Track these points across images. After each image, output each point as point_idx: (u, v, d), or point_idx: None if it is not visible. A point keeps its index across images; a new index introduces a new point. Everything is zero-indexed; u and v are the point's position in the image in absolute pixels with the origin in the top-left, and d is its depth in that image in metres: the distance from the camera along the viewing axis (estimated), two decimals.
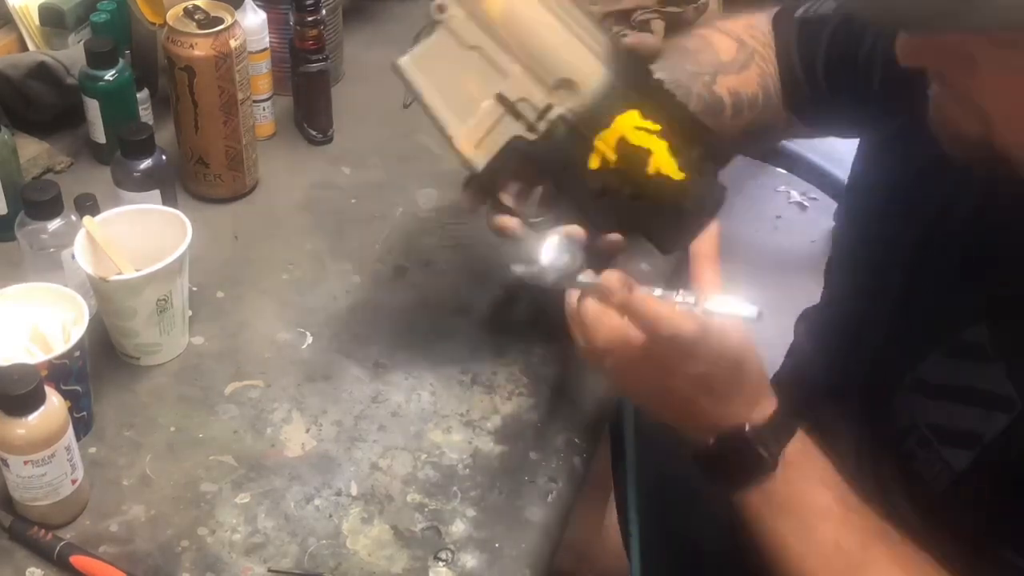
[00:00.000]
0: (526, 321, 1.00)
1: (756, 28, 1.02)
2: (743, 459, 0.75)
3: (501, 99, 0.81)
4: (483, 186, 0.85)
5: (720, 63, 0.97)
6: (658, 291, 0.76)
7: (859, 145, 0.95)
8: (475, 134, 0.81)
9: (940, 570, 0.71)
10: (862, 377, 0.87)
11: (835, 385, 0.91)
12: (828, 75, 0.95)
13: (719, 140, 0.83)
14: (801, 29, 0.98)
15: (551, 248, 0.81)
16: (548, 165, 0.83)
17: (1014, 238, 0.73)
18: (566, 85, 0.81)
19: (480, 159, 0.81)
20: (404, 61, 0.80)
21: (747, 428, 0.75)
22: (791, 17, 1.01)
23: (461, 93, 0.80)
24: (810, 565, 0.73)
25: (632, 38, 0.87)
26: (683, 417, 0.77)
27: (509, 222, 0.85)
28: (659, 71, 0.87)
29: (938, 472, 0.77)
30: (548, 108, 0.81)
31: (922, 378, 0.79)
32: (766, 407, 0.76)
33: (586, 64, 0.81)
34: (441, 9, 0.80)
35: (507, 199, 0.86)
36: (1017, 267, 0.72)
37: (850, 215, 0.97)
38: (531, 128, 0.81)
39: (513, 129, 0.81)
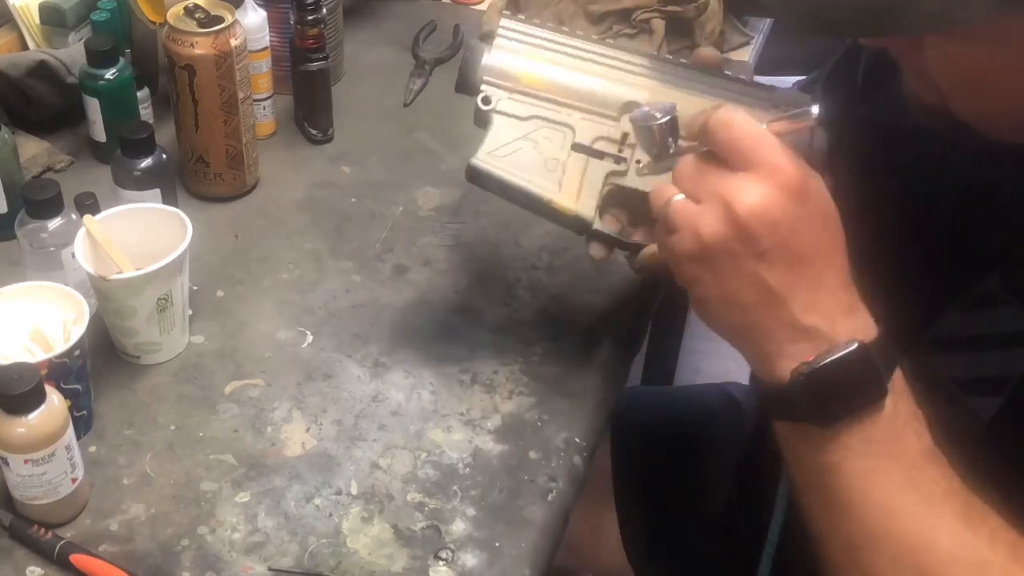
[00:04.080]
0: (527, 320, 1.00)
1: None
2: (855, 385, 0.63)
3: (578, 148, 0.82)
4: (602, 236, 0.84)
5: None
6: None
7: None
8: (571, 188, 0.81)
9: None
10: None
11: None
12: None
13: None
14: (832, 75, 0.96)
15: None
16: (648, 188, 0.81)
17: (1008, 189, 0.71)
18: (630, 107, 0.80)
19: (587, 207, 0.82)
20: (477, 161, 0.82)
21: (857, 345, 0.63)
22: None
23: (540, 161, 0.82)
24: (917, 510, 0.63)
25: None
26: (772, 325, 0.66)
27: (655, 259, 0.82)
28: None
29: (967, 424, 0.70)
30: (626, 135, 0.81)
31: (939, 336, 0.73)
32: (867, 322, 0.65)
33: (636, 82, 0.82)
34: (486, 101, 0.82)
35: (639, 236, 0.85)
36: (1018, 211, 0.69)
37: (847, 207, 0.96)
38: (618, 160, 0.82)
39: (603, 168, 0.82)
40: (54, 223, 0.93)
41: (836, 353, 0.64)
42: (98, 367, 0.90)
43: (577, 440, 0.90)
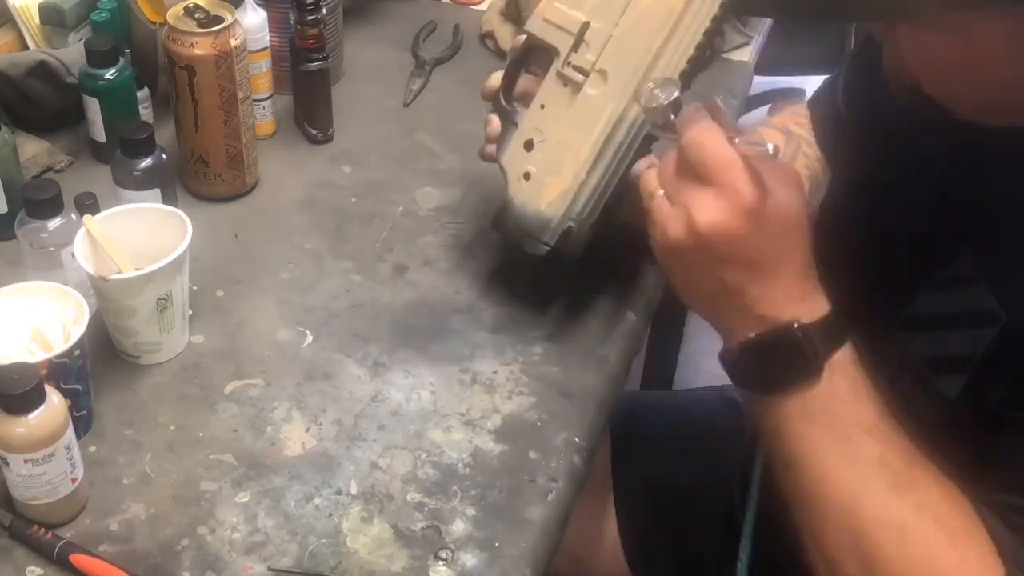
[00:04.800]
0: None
1: (799, 115, 1.08)
2: (789, 359, 0.73)
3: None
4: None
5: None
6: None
7: None
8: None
9: (970, 509, 0.70)
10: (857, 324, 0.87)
11: None
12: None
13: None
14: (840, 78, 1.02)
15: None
16: None
17: (988, 171, 0.74)
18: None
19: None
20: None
21: (796, 326, 0.72)
22: (828, 89, 1.05)
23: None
24: (847, 476, 0.71)
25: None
26: (729, 310, 0.75)
27: None
28: None
29: (931, 404, 0.76)
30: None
31: (912, 315, 0.79)
32: (816, 307, 0.74)
33: None
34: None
35: None
36: (994, 194, 0.74)
37: (832, 189, 1.00)
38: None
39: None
40: (54, 223, 0.93)
41: (775, 332, 0.73)
42: (98, 367, 0.90)
43: (577, 440, 0.90)
